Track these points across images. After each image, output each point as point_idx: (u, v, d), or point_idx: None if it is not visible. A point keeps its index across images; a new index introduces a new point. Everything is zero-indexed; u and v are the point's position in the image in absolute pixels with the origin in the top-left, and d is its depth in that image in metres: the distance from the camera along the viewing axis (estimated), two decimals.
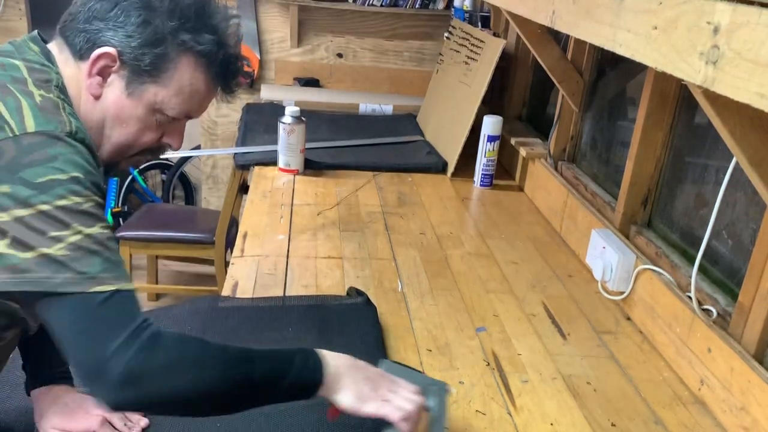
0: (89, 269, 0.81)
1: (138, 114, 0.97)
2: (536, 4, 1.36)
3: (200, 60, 0.97)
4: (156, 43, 0.94)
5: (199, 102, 1.01)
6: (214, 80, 1.01)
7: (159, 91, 0.96)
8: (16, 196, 0.79)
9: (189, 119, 1.03)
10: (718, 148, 1.42)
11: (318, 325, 1.40)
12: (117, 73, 0.95)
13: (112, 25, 0.93)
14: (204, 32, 0.96)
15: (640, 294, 1.52)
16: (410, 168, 2.45)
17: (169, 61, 0.95)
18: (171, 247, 2.93)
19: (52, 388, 1.12)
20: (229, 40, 1.00)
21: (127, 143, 0.99)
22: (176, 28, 0.94)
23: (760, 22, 0.66)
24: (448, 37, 2.90)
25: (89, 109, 0.96)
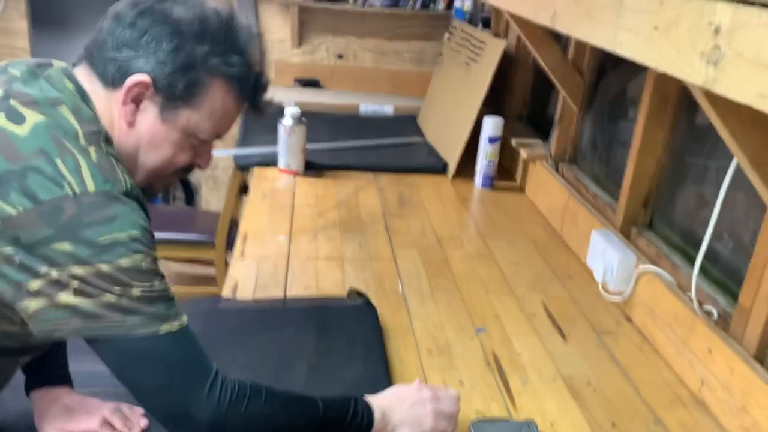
0: (157, 311, 0.87)
1: (172, 138, 0.98)
2: (537, 4, 1.36)
3: (231, 82, 0.98)
4: (188, 69, 0.94)
5: (228, 123, 1.03)
6: (243, 100, 1.02)
7: (192, 115, 0.97)
8: (77, 254, 0.81)
9: (218, 138, 1.04)
10: (719, 149, 1.42)
11: (318, 326, 1.40)
12: (150, 100, 0.95)
13: (143, 53, 0.93)
14: (233, 54, 0.97)
15: (641, 295, 1.52)
16: (411, 169, 2.45)
17: (201, 86, 0.95)
18: (171, 249, 2.93)
19: (51, 389, 1.12)
20: (255, 59, 1.01)
21: (162, 166, 1.00)
22: (207, 53, 0.94)
23: (760, 22, 0.66)
24: (448, 38, 2.90)
25: (123, 137, 0.96)
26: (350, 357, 1.30)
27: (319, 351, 1.32)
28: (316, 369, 1.26)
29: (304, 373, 1.24)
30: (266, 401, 0.94)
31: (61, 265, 0.81)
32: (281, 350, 1.31)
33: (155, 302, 0.88)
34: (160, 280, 0.90)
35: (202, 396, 0.89)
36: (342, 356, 1.31)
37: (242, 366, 1.26)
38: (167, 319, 0.88)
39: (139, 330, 0.86)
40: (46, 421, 1.09)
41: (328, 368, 1.27)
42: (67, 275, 0.81)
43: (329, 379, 1.23)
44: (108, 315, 0.84)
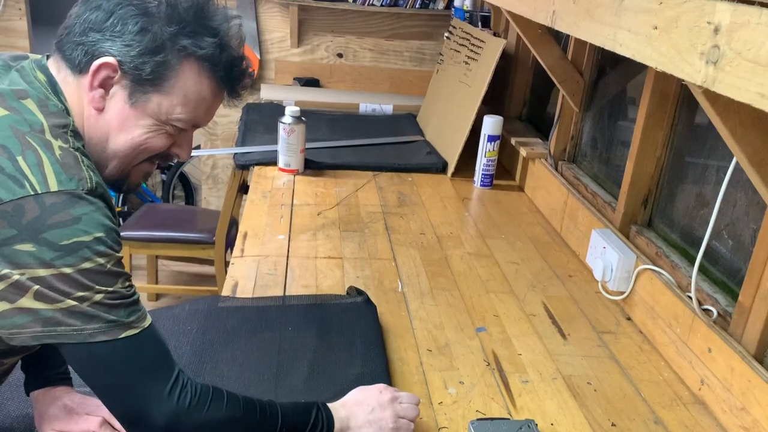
0: (117, 317, 0.85)
1: (143, 124, 0.95)
2: (536, 3, 1.36)
3: (203, 65, 0.95)
4: (156, 51, 0.91)
5: (205, 109, 0.99)
6: (219, 85, 0.98)
7: (163, 100, 0.94)
8: (39, 256, 0.80)
9: (196, 128, 1.02)
10: (719, 148, 1.42)
11: (318, 324, 1.40)
12: (119, 84, 0.92)
13: (109, 35, 0.90)
14: (204, 36, 0.94)
15: (641, 294, 1.52)
16: (410, 168, 2.45)
17: (171, 69, 0.93)
18: (171, 247, 2.93)
19: (51, 389, 1.12)
20: (232, 41, 0.97)
21: (134, 151, 0.97)
22: (175, 34, 0.92)
23: (760, 21, 0.66)
24: (448, 37, 2.90)
25: (93, 124, 0.94)
26: (350, 355, 1.30)
27: (319, 349, 1.32)
28: (316, 367, 1.26)
29: (304, 371, 1.24)
30: (227, 407, 0.93)
31: (23, 267, 0.79)
32: (281, 349, 1.31)
33: (117, 308, 0.86)
34: (123, 281, 0.87)
35: (161, 398, 0.88)
36: (342, 354, 1.31)
37: (242, 365, 1.26)
38: (128, 326, 0.87)
39: (99, 337, 0.84)
40: (46, 421, 1.09)
41: (328, 367, 1.27)
42: (28, 278, 0.80)
43: (329, 378, 1.23)
44: (68, 321, 0.82)
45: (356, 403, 1.07)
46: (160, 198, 3.96)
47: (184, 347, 1.30)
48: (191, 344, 1.31)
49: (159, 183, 4.06)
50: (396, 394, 1.10)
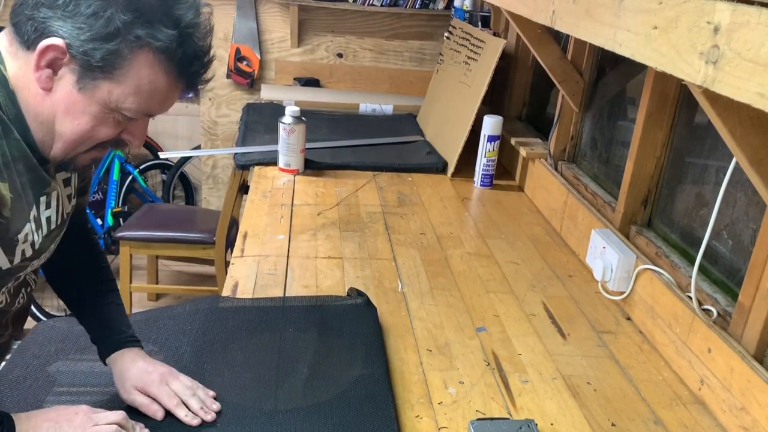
0: None
1: (91, 110, 0.90)
2: (536, 4, 1.36)
3: (159, 56, 0.89)
4: (108, 38, 0.85)
5: (159, 100, 0.94)
6: (176, 77, 0.92)
7: (113, 89, 0.88)
8: None
9: (150, 117, 0.96)
10: (718, 148, 1.42)
11: (318, 325, 1.40)
12: (67, 66, 0.87)
13: (60, 14, 0.85)
14: (163, 26, 0.87)
15: (640, 294, 1.52)
16: (410, 168, 2.45)
17: (123, 58, 0.87)
18: (171, 247, 2.93)
19: (125, 351, 1.15)
20: (195, 33, 0.91)
21: (81, 138, 0.92)
22: (130, 22, 0.85)
23: (760, 21, 0.66)
24: (448, 37, 2.90)
25: (39, 102, 0.89)
26: (350, 356, 1.30)
27: (319, 350, 1.32)
28: (316, 368, 1.26)
29: (304, 372, 1.24)
30: None
31: None
32: (281, 349, 1.31)
33: None
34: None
35: None
36: (342, 355, 1.31)
37: (242, 365, 1.26)
38: None
39: None
40: (128, 380, 1.12)
41: (328, 368, 1.27)
42: None
43: (329, 379, 1.23)
44: None
45: (46, 419, 0.98)
46: (160, 198, 3.96)
47: (184, 347, 1.30)
48: (191, 344, 1.31)
49: (159, 183, 4.06)
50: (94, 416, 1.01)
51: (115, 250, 3.37)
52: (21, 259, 0.97)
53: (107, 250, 3.49)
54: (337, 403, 1.16)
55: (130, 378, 1.12)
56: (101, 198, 3.64)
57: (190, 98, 1.09)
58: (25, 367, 1.24)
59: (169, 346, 1.31)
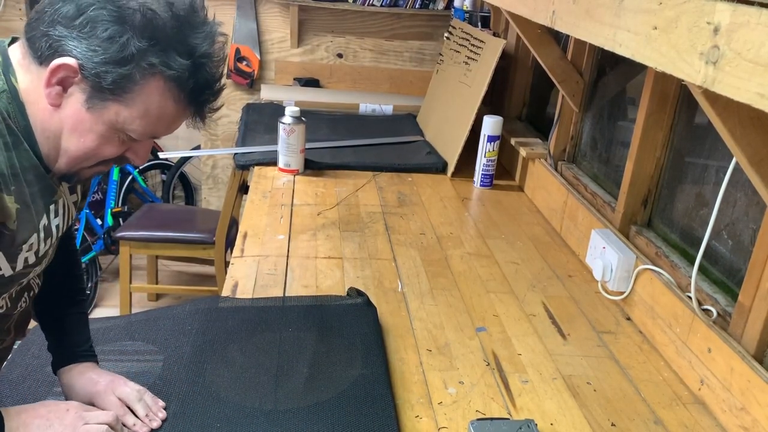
0: None
1: (97, 130, 0.91)
2: (536, 4, 1.36)
3: (169, 84, 0.90)
4: (121, 62, 0.86)
5: (166, 125, 0.95)
6: (185, 105, 0.94)
7: (121, 111, 0.90)
8: None
9: (154, 138, 0.97)
10: (718, 148, 1.42)
11: (318, 325, 1.40)
12: (78, 86, 0.88)
13: (76, 35, 0.86)
14: (177, 55, 0.89)
15: (640, 294, 1.52)
16: (410, 168, 2.46)
17: (135, 83, 0.88)
18: (171, 247, 2.93)
19: (77, 365, 1.14)
20: (208, 63, 0.92)
21: (85, 156, 0.93)
22: (145, 49, 0.87)
23: (760, 22, 0.66)
24: (448, 37, 2.90)
25: (47, 117, 0.90)
26: (350, 356, 1.30)
27: (319, 350, 1.32)
28: (316, 368, 1.26)
29: (304, 372, 1.24)
30: None
31: None
32: (281, 349, 1.31)
33: None
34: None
35: None
36: (342, 355, 1.31)
37: (242, 365, 1.26)
38: None
39: None
40: (74, 394, 1.11)
41: (328, 368, 1.27)
42: None
43: (329, 379, 1.23)
44: None
45: (37, 415, 0.98)
46: (160, 198, 3.96)
47: (184, 347, 1.30)
48: (191, 344, 1.31)
49: (159, 183, 4.06)
50: (85, 415, 1.01)
51: (115, 250, 3.38)
52: (23, 266, 0.97)
53: (107, 250, 3.50)
54: (336, 403, 1.16)
55: (76, 392, 1.11)
56: (101, 198, 3.64)
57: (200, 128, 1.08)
58: (25, 367, 1.24)
59: (169, 346, 1.31)
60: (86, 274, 3.35)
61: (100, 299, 3.36)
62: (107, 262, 3.60)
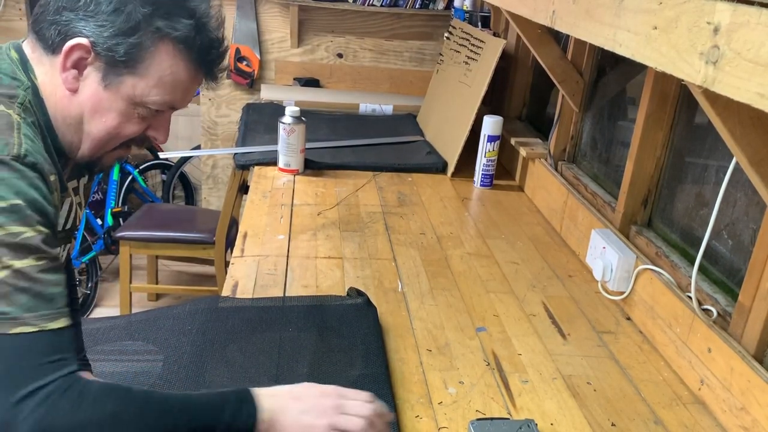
0: (11, 309, 0.75)
1: (117, 107, 0.93)
2: (536, 4, 1.36)
3: (179, 47, 0.92)
4: (130, 32, 0.89)
5: (182, 92, 0.97)
6: (196, 67, 0.96)
7: (137, 83, 0.92)
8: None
9: (174, 110, 0.99)
10: (718, 148, 1.42)
11: (318, 325, 1.40)
12: (92, 65, 0.90)
13: (82, 15, 0.88)
14: (180, 17, 0.91)
15: (640, 294, 1.52)
16: (410, 168, 2.45)
17: (145, 50, 0.90)
18: (171, 247, 2.93)
19: None
20: (209, 23, 0.95)
21: (108, 136, 0.95)
22: (150, 14, 0.89)
23: (760, 22, 0.66)
24: (448, 37, 2.90)
25: (66, 105, 0.92)
26: (350, 356, 1.30)
27: (319, 350, 1.32)
28: (316, 368, 1.26)
29: (304, 372, 1.24)
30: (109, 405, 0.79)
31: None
32: (281, 349, 1.31)
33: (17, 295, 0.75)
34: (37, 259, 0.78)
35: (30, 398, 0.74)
36: (342, 355, 1.31)
37: (242, 365, 1.26)
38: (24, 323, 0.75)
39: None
40: None
41: (328, 368, 1.27)
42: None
43: (329, 379, 1.23)
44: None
45: (293, 397, 0.93)
46: (160, 198, 3.96)
47: (185, 347, 1.30)
48: (191, 344, 1.31)
49: (159, 183, 4.06)
50: (342, 402, 0.94)
51: (115, 250, 3.38)
52: None
53: (107, 250, 3.50)
54: None
55: None
56: (101, 198, 3.64)
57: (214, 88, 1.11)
58: None
59: (169, 346, 1.31)
60: (86, 274, 3.35)
61: (100, 299, 3.36)
62: (107, 262, 3.60)
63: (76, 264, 3.27)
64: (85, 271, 3.35)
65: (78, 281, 3.31)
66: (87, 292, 3.30)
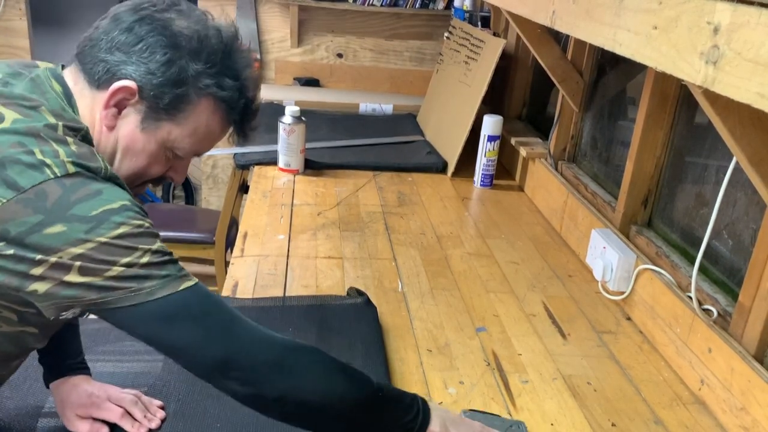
0: (170, 272, 0.86)
1: (149, 149, 0.96)
2: (536, 4, 1.36)
3: (220, 105, 0.97)
4: (178, 84, 0.93)
5: (210, 142, 1.02)
6: (230, 123, 1.01)
7: (173, 130, 0.96)
8: (72, 234, 0.80)
9: (196, 156, 1.04)
10: (718, 148, 1.42)
11: (318, 325, 1.40)
12: (134, 107, 0.94)
13: (135, 60, 0.92)
14: (227, 77, 0.96)
15: (641, 294, 1.52)
16: (410, 168, 2.45)
17: (189, 103, 0.95)
18: (171, 247, 2.84)
19: (70, 377, 1.13)
20: (251, 86, 1.00)
21: (135, 176, 0.99)
22: (200, 72, 0.93)
23: (760, 22, 0.66)
24: (448, 37, 2.90)
25: (101, 140, 0.95)
26: (350, 356, 1.30)
27: None
28: None
29: None
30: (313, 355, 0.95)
31: (58, 250, 0.79)
32: None
33: (166, 264, 0.86)
34: (161, 242, 0.88)
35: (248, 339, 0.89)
36: (342, 355, 1.29)
37: None
38: (184, 278, 0.87)
39: (159, 293, 0.84)
40: (68, 407, 1.11)
41: None
42: (68, 257, 0.80)
43: None
44: (123, 285, 0.82)
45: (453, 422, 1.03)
46: (160, 198, 3.96)
47: None
48: None
49: None
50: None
51: None
52: None
53: None
54: None
55: (70, 404, 1.11)
56: None
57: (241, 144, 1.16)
58: (25, 369, 1.23)
59: None
60: None
61: None
62: None
63: None
64: None
65: None
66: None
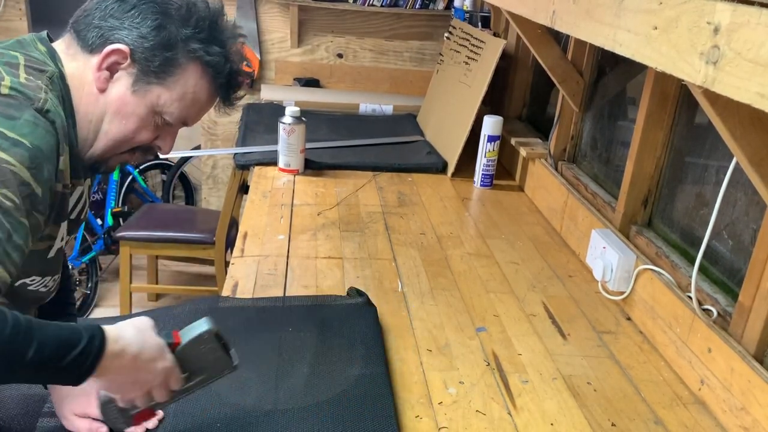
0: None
1: (139, 112, 0.99)
2: (536, 4, 1.36)
3: (207, 70, 1.01)
4: (168, 47, 0.98)
5: (197, 110, 1.05)
6: (216, 91, 1.05)
7: (163, 93, 0.99)
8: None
9: (184, 126, 1.06)
10: (719, 148, 1.42)
11: (318, 325, 1.40)
12: (126, 70, 0.98)
13: (127, 25, 0.96)
14: (214, 44, 1.01)
15: (641, 294, 1.52)
16: (410, 168, 2.45)
17: (178, 66, 0.99)
18: (171, 247, 2.93)
19: None
20: (235, 56, 1.04)
21: (124, 139, 1.01)
22: (189, 37, 0.99)
23: (760, 22, 0.66)
24: (448, 37, 2.90)
25: (91, 102, 0.98)
26: (350, 356, 1.30)
27: (319, 350, 1.32)
28: (316, 368, 1.26)
29: (304, 372, 1.24)
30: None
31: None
32: (281, 349, 1.31)
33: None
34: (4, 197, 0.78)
35: None
36: (342, 355, 1.31)
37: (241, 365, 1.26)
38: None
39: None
40: (66, 404, 1.11)
41: (328, 367, 1.27)
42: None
43: (329, 378, 1.23)
44: None
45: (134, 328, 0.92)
46: (160, 198, 3.96)
47: None
48: None
49: (159, 183, 4.06)
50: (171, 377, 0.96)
51: (115, 250, 3.37)
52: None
53: (107, 250, 3.50)
54: (337, 403, 1.16)
55: (69, 404, 1.11)
56: (101, 198, 3.64)
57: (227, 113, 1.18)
58: None
59: None
60: (86, 274, 3.35)
61: (100, 299, 3.36)
62: (107, 262, 3.60)
63: (76, 264, 3.27)
64: (85, 272, 3.35)
65: (78, 282, 3.31)
66: (87, 293, 3.30)
